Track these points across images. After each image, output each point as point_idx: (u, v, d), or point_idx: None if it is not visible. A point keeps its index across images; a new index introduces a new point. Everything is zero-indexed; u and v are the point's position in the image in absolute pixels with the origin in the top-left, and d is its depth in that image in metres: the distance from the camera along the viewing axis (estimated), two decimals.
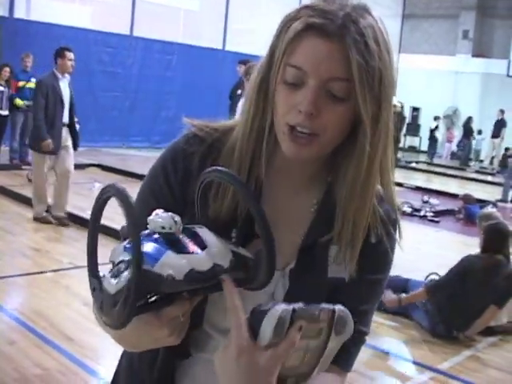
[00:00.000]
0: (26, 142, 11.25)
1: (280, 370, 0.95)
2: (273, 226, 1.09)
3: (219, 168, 1.02)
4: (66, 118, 7.22)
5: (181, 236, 0.95)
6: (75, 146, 7.36)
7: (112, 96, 14.47)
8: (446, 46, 22.51)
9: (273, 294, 1.16)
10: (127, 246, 0.93)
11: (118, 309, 0.88)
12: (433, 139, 20.86)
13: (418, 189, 12.69)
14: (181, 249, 0.92)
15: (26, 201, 8.05)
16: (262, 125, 1.13)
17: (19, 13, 13.59)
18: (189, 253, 0.92)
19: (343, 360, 1.21)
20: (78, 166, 9.71)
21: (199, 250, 0.94)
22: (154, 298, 0.94)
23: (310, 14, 1.04)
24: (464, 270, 4.98)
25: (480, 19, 22.13)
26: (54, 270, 5.64)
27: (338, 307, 0.98)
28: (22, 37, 13.13)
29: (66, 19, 14.04)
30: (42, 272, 5.62)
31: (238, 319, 0.93)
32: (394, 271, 4.74)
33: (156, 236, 0.93)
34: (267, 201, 1.17)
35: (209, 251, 0.94)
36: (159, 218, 0.95)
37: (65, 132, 7.18)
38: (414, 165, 18.26)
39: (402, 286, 5.42)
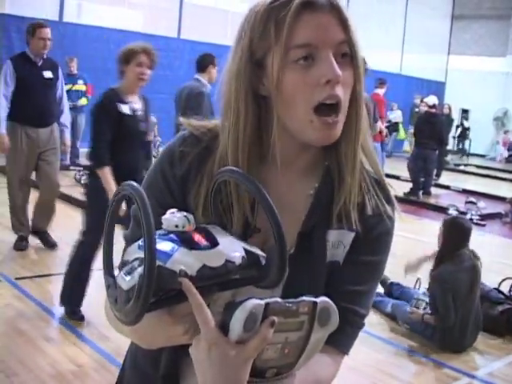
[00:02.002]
0: (78, 145, 11.50)
1: (257, 362, 0.95)
2: None
3: (232, 168, 1.04)
4: None
5: (194, 234, 0.96)
6: None
7: (159, 98, 14.54)
8: (496, 48, 22.12)
9: None
10: (141, 244, 0.94)
11: (131, 305, 0.88)
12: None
13: (464, 191, 12.50)
14: (193, 246, 0.93)
15: (70, 201, 8.20)
16: (255, 125, 1.14)
17: (68, 17, 13.84)
18: (201, 249, 0.93)
19: (339, 342, 1.23)
20: None
21: (211, 247, 0.95)
22: (166, 296, 0.95)
23: None
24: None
25: None
26: (95, 270, 5.71)
27: (321, 299, 0.97)
28: (71, 40, 13.38)
29: (114, 23, 14.27)
30: None
31: (204, 316, 0.93)
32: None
33: (169, 234, 0.95)
34: (268, 193, 1.18)
35: (221, 248, 0.95)
36: (173, 216, 0.97)
37: None
38: (462, 167, 18.00)
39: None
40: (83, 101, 11.34)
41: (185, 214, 0.97)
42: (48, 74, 6.11)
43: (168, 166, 1.21)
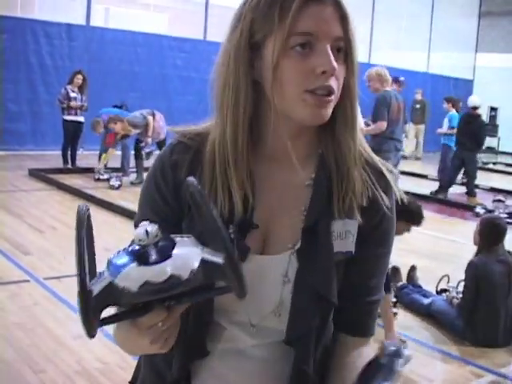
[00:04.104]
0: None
1: None
2: (272, 212, 1.18)
3: (192, 182, 0.99)
4: None
5: (150, 248, 0.95)
6: None
7: (186, 100, 14.72)
8: None
9: (286, 273, 1.20)
10: (110, 257, 0.97)
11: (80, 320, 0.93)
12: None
13: (492, 190, 12.40)
14: (144, 260, 0.94)
15: (98, 202, 8.31)
16: (245, 114, 1.15)
17: (96, 21, 14.01)
18: (148, 264, 0.93)
19: (367, 330, 1.31)
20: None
21: (159, 262, 0.94)
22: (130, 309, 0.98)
23: None
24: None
25: None
26: None
27: None
28: (98, 44, 13.54)
29: (141, 26, 14.41)
30: None
31: None
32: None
33: (131, 248, 0.96)
34: (262, 187, 1.20)
35: (167, 263, 0.94)
36: (137, 230, 0.96)
37: None
38: (491, 166, 17.82)
39: (425, 311, 5.26)
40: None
41: (147, 227, 0.96)
42: None
43: (160, 176, 1.22)
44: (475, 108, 11.56)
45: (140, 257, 0.94)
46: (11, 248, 6.20)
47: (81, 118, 11.08)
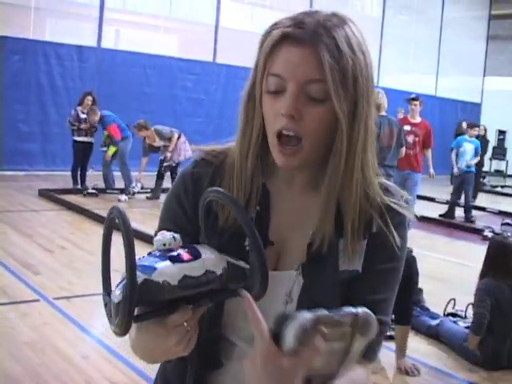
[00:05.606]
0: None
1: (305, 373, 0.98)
2: (285, 231, 1.22)
3: (216, 188, 1.11)
4: None
5: (178, 250, 1.03)
6: None
7: (196, 122, 14.83)
8: None
9: (290, 292, 1.22)
10: None
11: (120, 316, 0.96)
12: None
13: (501, 213, 12.39)
14: (176, 259, 1.00)
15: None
16: (256, 136, 1.21)
17: (106, 43, 14.15)
18: (183, 262, 1.00)
19: (368, 351, 1.26)
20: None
21: (193, 260, 1.02)
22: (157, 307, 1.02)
23: (285, 25, 1.14)
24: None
25: None
26: None
27: (361, 310, 1.01)
28: (109, 66, 13.67)
29: (151, 48, 14.54)
30: None
31: (261, 330, 0.98)
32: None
33: (157, 252, 1.03)
34: (276, 206, 1.25)
35: (201, 260, 1.02)
36: (162, 236, 1.04)
37: None
38: (499, 189, 17.81)
39: (433, 332, 5.25)
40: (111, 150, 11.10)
41: (171, 233, 1.05)
42: None
43: (182, 189, 1.28)
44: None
45: (171, 257, 1.01)
46: (21, 268, 6.24)
47: (91, 139, 11.18)
